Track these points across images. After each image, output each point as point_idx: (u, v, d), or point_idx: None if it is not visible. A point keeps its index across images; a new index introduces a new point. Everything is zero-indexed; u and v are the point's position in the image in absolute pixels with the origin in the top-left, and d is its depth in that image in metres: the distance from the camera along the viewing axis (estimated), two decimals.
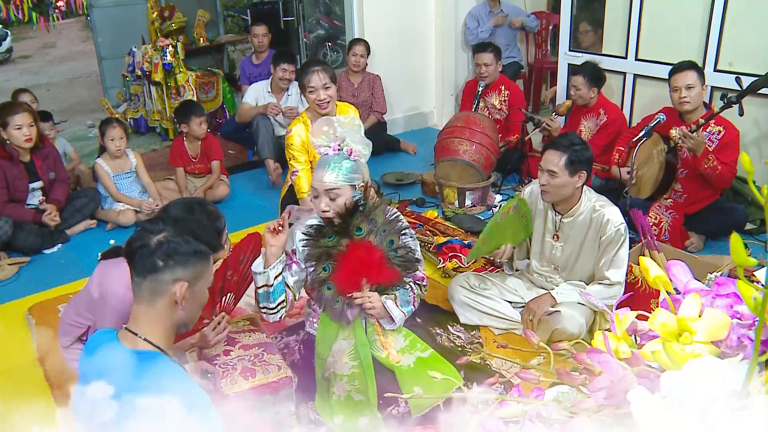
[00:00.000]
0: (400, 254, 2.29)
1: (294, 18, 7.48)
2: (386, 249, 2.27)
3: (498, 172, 4.49)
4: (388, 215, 2.30)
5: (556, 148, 2.59)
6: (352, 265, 2.24)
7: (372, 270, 2.25)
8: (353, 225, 2.23)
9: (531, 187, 2.89)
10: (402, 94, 5.74)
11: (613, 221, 2.64)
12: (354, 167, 2.29)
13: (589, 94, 4.12)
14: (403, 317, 2.37)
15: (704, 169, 3.32)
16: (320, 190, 2.26)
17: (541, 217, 2.82)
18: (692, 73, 3.38)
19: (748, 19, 3.76)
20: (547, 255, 2.83)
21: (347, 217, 2.22)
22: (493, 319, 2.88)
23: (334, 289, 2.26)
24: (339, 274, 2.24)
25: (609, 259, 2.66)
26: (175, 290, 1.48)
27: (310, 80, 3.15)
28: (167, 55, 5.45)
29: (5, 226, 3.67)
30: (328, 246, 2.24)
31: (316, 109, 3.20)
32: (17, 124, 3.67)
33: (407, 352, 2.36)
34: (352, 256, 2.23)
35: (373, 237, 2.26)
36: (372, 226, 2.26)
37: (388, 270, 2.27)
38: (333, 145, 2.28)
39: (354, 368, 2.25)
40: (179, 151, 4.44)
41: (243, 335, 2.44)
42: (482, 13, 5.63)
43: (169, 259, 1.48)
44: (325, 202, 2.25)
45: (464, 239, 3.65)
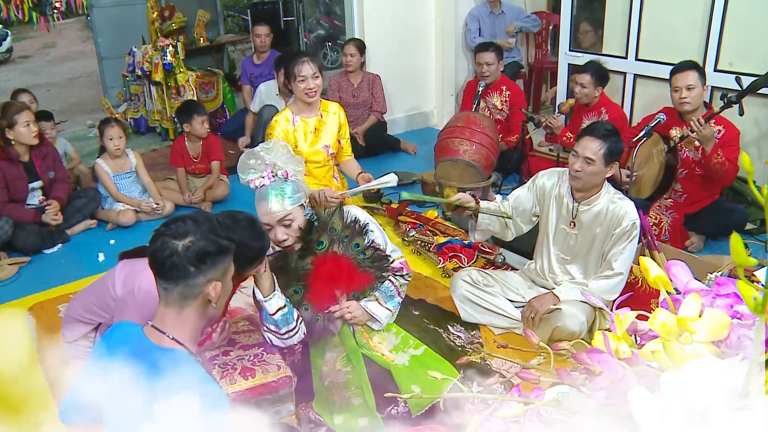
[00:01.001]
0: (368, 255, 2.29)
1: (294, 18, 7.49)
2: (353, 254, 2.27)
3: (498, 172, 4.49)
4: (346, 220, 2.28)
5: (595, 135, 2.56)
6: (323, 281, 2.23)
7: (343, 280, 2.25)
8: (313, 240, 2.22)
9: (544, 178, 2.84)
10: (402, 94, 5.74)
11: (630, 215, 2.65)
12: (295, 187, 2.27)
13: (594, 93, 4.13)
14: (389, 314, 2.37)
15: (714, 164, 3.30)
16: (273, 222, 2.22)
17: (556, 204, 2.80)
18: (693, 74, 3.38)
19: (748, 19, 3.76)
20: (560, 243, 2.82)
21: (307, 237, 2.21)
22: (494, 316, 2.88)
23: (311, 309, 2.26)
24: (312, 293, 2.24)
25: (619, 251, 2.66)
26: (209, 291, 1.48)
27: (300, 69, 3.18)
28: (167, 55, 5.46)
29: (5, 226, 3.67)
30: (295, 269, 2.23)
31: (304, 98, 3.23)
32: (25, 121, 3.70)
33: (400, 350, 2.36)
34: (320, 272, 2.23)
35: (337, 246, 2.25)
36: (333, 236, 2.25)
37: (360, 275, 2.28)
38: (266, 173, 2.25)
39: (348, 374, 2.25)
40: (180, 151, 4.44)
41: (243, 335, 2.43)
42: (483, 13, 5.62)
43: (201, 263, 1.45)
44: (281, 231, 2.22)
45: (464, 239, 3.65)
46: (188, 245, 1.44)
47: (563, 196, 2.77)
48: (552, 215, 2.81)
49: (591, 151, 2.56)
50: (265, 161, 2.26)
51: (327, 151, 3.35)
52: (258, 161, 2.27)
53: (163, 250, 1.44)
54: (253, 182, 2.27)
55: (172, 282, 1.46)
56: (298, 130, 3.29)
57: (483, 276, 2.97)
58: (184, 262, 1.44)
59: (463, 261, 3.47)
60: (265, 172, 2.25)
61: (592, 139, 2.56)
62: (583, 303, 2.70)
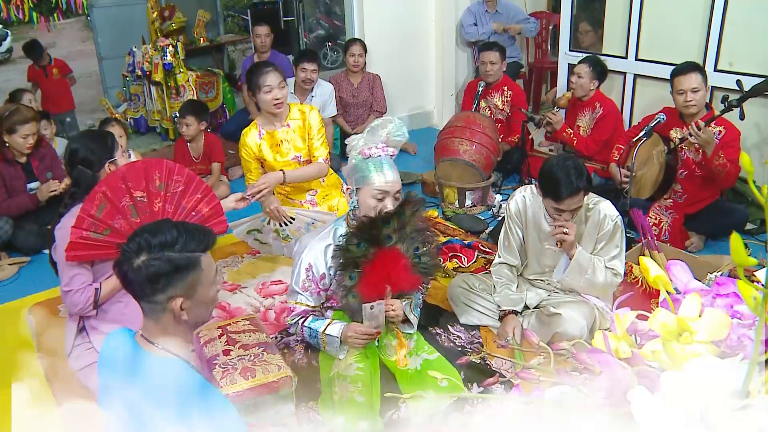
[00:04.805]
0: (423, 261, 2.32)
1: (294, 18, 7.49)
2: (411, 256, 2.30)
3: (498, 172, 4.49)
4: (420, 224, 2.32)
5: (576, 191, 2.49)
6: (378, 275, 2.25)
7: (397, 278, 2.27)
8: (383, 234, 2.25)
9: (515, 203, 2.82)
10: (402, 93, 5.73)
11: (610, 216, 2.65)
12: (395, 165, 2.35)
13: (590, 85, 4.12)
14: (416, 321, 2.40)
15: (715, 166, 3.29)
16: (391, 192, 2.27)
17: (534, 226, 2.79)
18: (697, 76, 3.36)
19: (748, 19, 3.76)
20: (548, 257, 2.81)
21: (383, 227, 2.24)
22: (493, 320, 2.88)
23: (359, 298, 2.28)
24: (364, 283, 2.26)
25: (609, 252, 2.66)
26: (173, 307, 1.44)
27: (265, 80, 3.12)
28: (167, 55, 5.46)
29: (5, 226, 3.67)
30: (357, 255, 2.26)
31: (271, 109, 3.17)
32: (25, 134, 3.71)
33: (414, 354, 2.39)
34: (378, 264, 2.25)
35: (401, 244, 2.28)
36: (402, 234, 2.28)
37: (412, 277, 2.30)
38: (381, 145, 2.30)
39: (359, 370, 2.26)
40: (181, 152, 4.45)
41: (243, 335, 2.43)
42: (479, 12, 5.62)
43: (155, 283, 1.41)
44: (391, 202, 2.28)
45: (464, 239, 3.65)
46: (141, 265, 1.40)
47: (540, 219, 2.75)
48: (534, 236, 2.81)
49: (579, 202, 2.55)
50: (379, 134, 2.30)
51: (299, 161, 3.27)
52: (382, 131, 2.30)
53: (123, 265, 1.42)
54: (369, 149, 2.29)
55: (137, 298, 1.45)
56: (263, 145, 3.23)
57: (480, 280, 2.96)
58: (140, 281, 1.41)
59: (463, 261, 3.47)
60: (380, 143, 2.30)
61: (574, 197, 2.51)
62: (584, 305, 2.69)
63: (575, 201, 2.51)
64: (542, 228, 2.76)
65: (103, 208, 2.27)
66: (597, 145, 4.17)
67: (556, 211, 2.58)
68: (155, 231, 1.44)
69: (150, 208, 2.35)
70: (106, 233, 2.30)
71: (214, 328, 2.49)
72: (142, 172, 2.32)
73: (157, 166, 2.36)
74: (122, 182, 2.29)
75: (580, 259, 2.60)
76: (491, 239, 3.70)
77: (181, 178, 2.39)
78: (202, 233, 1.49)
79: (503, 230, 2.89)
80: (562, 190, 2.47)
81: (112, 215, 2.29)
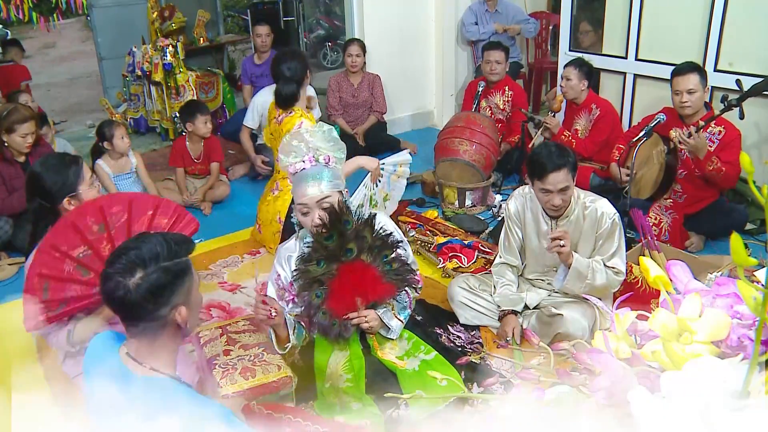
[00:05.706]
0: (394, 267, 2.25)
1: (294, 18, 7.49)
2: (380, 264, 2.23)
3: (498, 172, 4.49)
4: (379, 231, 2.24)
5: (558, 166, 2.54)
6: (345, 289, 2.20)
7: (366, 289, 2.22)
8: (341, 248, 2.19)
9: (514, 203, 2.84)
10: (402, 94, 5.73)
11: (607, 213, 2.66)
12: (334, 173, 2.26)
13: (580, 86, 4.11)
14: (401, 325, 2.36)
15: (709, 172, 3.30)
16: (310, 204, 2.21)
17: (533, 226, 2.80)
18: (695, 77, 3.37)
19: (748, 19, 3.76)
20: (548, 258, 2.81)
21: (337, 216, 2.17)
22: (493, 320, 2.88)
23: (329, 314, 2.22)
24: (333, 300, 2.21)
25: (609, 249, 2.66)
26: (175, 318, 1.42)
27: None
28: (167, 55, 5.46)
29: (5, 226, 3.67)
30: (318, 273, 2.20)
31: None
32: (24, 133, 3.71)
33: (411, 356, 2.35)
34: (344, 279, 2.19)
35: (365, 255, 2.21)
36: (362, 244, 2.21)
37: (383, 286, 2.24)
38: (307, 158, 2.24)
39: (348, 381, 2.23)
40: (181, 152, 4.44)
41: (243, 335, 2.43)
42: (480, 11, 5.62)
43: (158, 297, 1.38)
44: (318, 215, 2.20)
45: (464, 239, 3.65)
46: (138, 282, 1.35)
47: (538, 219, 2.77)
48: (533, 236, 2.81)
49: (564, 181, 2.56)
50: (308, 144, 2.24)
51: None
52: (301, 143, 2.24)
53: (117, 291, 1.36)
54: (293, 166, 2.24)
55: (136, 321, 1.40)
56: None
57: (479, 281, 2.96)
58: (140, 301, 1.36)
59: (463, 261, 3.47)
60: (306, 156, 2.24)
61: (557, 172, 2.54)
62: (585, 305, 2.69)
63: (560, 178, 2.54)
64: (541, 228, 2.76)
65: (48, 288, 2.11)
66: (596, 146, 4.17)
67: (544, 192, 2.61)
68: (140, 246, 1.39)
69: (99, 256, 2.12)
70: (62, 307, 2.14)
71: (214, 328, 2.49)
72: (71, 228, 2.12)
73: (85, 212, 2.17)
74: (54, 252, 2.10)
75: (579, 267, 2.61)
76: (491, 239, 3.70)
77: (121, 208, 2.19)
78: (182, 237, 1.48)
79: (503, 230, 2.90)
80: (545, 165, 2.53)
81: (61, 289, 2.12)
